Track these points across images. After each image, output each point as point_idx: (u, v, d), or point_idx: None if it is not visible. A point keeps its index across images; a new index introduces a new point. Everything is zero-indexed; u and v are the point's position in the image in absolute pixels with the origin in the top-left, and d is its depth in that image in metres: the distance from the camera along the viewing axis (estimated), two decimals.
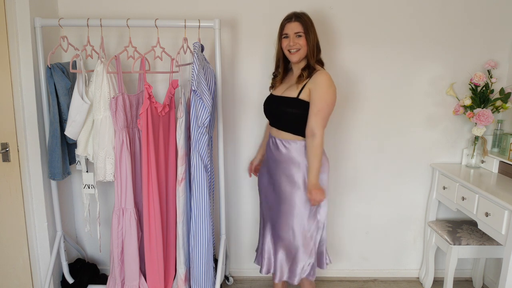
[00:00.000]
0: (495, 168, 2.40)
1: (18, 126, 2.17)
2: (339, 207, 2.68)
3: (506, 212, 1.88)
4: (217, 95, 2.19)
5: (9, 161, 2.18)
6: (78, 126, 2.06)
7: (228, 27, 2.41)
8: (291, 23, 1.98)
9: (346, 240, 2.73)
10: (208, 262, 2.14)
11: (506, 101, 2.34)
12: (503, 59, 2.46)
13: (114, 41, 2.41)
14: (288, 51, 2.00)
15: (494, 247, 2.30)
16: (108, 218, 2.60)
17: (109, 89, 2.00)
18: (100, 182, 2.39)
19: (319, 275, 2.75)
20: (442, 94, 2.51)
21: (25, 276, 2.32)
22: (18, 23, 2.08)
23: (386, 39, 2.43)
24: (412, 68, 2.48)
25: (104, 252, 2.62)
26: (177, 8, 2.38)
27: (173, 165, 2.16)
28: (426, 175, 2.63)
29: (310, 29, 1.99)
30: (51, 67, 2.06)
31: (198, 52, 1.99)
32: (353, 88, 2.50)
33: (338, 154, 2.59)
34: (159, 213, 2.08)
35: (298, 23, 1.97)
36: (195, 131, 1.98)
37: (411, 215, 2.69)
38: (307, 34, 1.98)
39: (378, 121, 2.55)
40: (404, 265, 2.78)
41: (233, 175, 2.62)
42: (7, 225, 2.24)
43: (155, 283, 2.14)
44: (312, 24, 2.00)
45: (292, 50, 1.98)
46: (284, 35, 2.01)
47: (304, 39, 1.98)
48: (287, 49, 2.00)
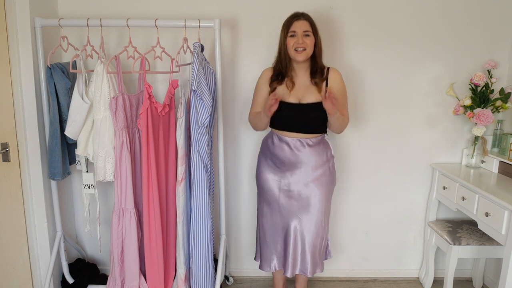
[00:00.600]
0: (495, 168, 2.40)
1: (18, 126, 2.17)
2: (339, 207, 2.68)
3: (506, 212, 1.88)
4: (217, 95, 2.19)
5: (9, 161, 2.18)
6: (78, 126, 2.06)
7: (228, 27, 2.41)
8: (299, 21, 1.95)
9: (346, 240, 2.73)
10: (208, 262, 2.14)
11: (506, 101, 2.34)
12: (503, 59, 2.46)
13: (114, 41, 2.41)
14: (295, 50, 1.96)
15: (494, 247, 2.30)
16: (108, 218, 2.60)
17: (109, 89, 2.00)
18: (100, 182, 2.39)
19: (319, 275, 2.75)
20: (442, 94, 2.51)
21: (25, 276, 2.32)
22: (18, 23, 2.08)
23: (386, 39, 2.43)
24: (412, 68, 2.48)
25: (104, 252, 2.62)
26: (177, 8, 2.38)
27: (173, 165, 2.16)
28: (426, 175, 2.63)
29: (317, 29, 1.99)
30: (51, 67, 2.06)
31: (198, 52, 1.99)
32: (353, 88, 2.50)
33: (338, 154, 2.59)
34: (159, 213, 2.08)
35: (306, 22, 1.96)
36: (195, 131, 1.98)
37: (411, 215, 2.69)
38: (315, 33, 1.97)
39: (378, 121, 2.55)
40: (404, 265, 2.78)
41: (233, 175, 2.62)
42: (7, 225, 2.24)
43: (155, 283, 2.14)
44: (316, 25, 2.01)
45: (299, 49, 1.95)
46: (291, 33, 1.97)
47: (312, 39, 1.96)
48: (294, 47, 1.96)
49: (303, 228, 2.11)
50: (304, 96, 2.03)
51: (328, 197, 2.17)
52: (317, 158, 2.08)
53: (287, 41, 1.98)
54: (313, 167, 2.08)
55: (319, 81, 2.02)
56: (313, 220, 2.10)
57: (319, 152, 2.09)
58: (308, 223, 2.10)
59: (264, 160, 2.18)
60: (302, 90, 2.04)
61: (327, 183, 2.13)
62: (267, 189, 2.16)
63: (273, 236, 2.19)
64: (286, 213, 2.13)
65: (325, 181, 2.12)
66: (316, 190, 2.09)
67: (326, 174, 2.12)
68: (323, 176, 2.11)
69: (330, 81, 2.05)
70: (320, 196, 2.10)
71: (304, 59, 1.98)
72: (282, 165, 2.11)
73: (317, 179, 2.09)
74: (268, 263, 2.23)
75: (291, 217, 2.12)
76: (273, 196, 2.15)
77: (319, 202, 2.10)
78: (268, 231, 2.20)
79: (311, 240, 2.11)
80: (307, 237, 2.11)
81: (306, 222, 2.10)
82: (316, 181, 2.09)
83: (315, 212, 2.10)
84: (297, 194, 2.10)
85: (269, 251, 2.22)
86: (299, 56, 1.96)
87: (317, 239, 2.14)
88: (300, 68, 2.06)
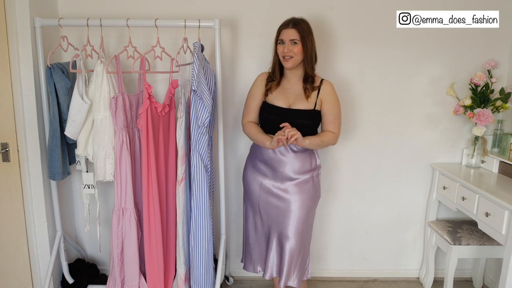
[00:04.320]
0: (495, 168, 2.40)
1: (18, 126, 2.17)
2: (339, 207, 2.68)
3: (506, 212, 1.88)
4: (217, 95, 2.19)
5: (9, 161, 2.18)
6: (78, 126, 2.06)
7: (228, 27, 2.41)
8: (287, 30, 1.98)
9: (346, 240, 2.73)
10: (208, 262, 2.14)
11: (506, 101, 2.34)
12: (503, 59, 2.46)
13: (114, 41, 2.41)
14: (283, 57, 2.01)
15: (494, 247, 2.30)
16: (108, 218, 2.59)
17: (109, 89, 2.00)
18: (100, 182, 2.39)
19: (319, 275, 2.75)
20: (442, 94, 2.51)
21: (25, 276, 2.32)
22: (18, 23, 2.08)
23: (386, 39, 2.43)
24: (412, 68, 2.48)
25: (104, 252, 2.62)
26: (177, 8, 2.38)
27: (173, 165, 2.16)
28: (426, 175, 2.63)
29: (307, 37, 1.98)
30: (51, 67, 2.06)
31: (198, 52, 1.99)
32: (353, 88, 2.50)
33: (338, 154, 2.59)
34: (159, 213, 2.08)
35: (294, 30, 1.97)
36: (195, 131, 1.98)
37: (411, 215, 2.69)
38: (303, 42, 1.98)
39: (378, 121, 2.55)
40: (404, 265, 2.78)
41: (233, 175, 2.62)
42: (7, 225, 2.24)
43: (155, 283, 2.13)
44: (310, 32, 2.01)
45: (286, 57, 2.00)
46: (279, 41, 2.02)
47: (299, 47, 1.98)
48: (281, 55, 2.01)
49: (282, 234, 2.11)
50: (294, 102, 2.06)
51: (310, 210, 2.15)
52: (301, 165, 2.09)
53: (277, 48, 2.04)
54: (295, 172, 2.08)
55: (309, 88, 2.05)
56: (293, 227, 2.09)
57: (303, 159, 2.09)
58: (288, 230, 2.09)
59: (250, 162, 2.22)
60: (293, 96, 2.08)
61: (309, 192, 2.12)
62: (249, 190, 2.20)
63: (255, 238, 2.23)
64: (266, 216, 2.16)
65: (306, 190, 2.11)
66: (297, 196, 2.09)
67: (308, 183, 2.12)
68: (305, 184, 2.11)
69: (321, 93, 2.07)
70: (301, 203, 2.09)
71: (291, 66, 2.01)
72: (265, 168, 2.13)
73: (298, 185, 2.09)
74: (252, 264, 2.28)
75: (271, 222, 2.14)
76: (254, 197, 2.18)
77: (299, 210, 2.09)
78: (251, 233, 2.24)
79: (289, 248, 2.10)
80: (287, 244, 2.10)
81: (285, 228, 2.10)
82: (297, 187, 2.09)
83: (295, 218, 2.09)
84: (276, 197, 2.11)
85: (253, 253, 2.26)
86: (286, 63, 2.01)
87: (295, 248, 2.11)
88: (293, 75, 2.09)
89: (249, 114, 2.16)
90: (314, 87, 2.06)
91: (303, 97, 2.06)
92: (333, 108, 2.08)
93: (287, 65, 2.02)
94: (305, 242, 2.18)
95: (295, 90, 2.09)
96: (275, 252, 2.15)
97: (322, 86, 2.08)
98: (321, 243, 2.72)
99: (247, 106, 2.18)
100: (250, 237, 2.25)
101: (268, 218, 2.15)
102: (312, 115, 2.06)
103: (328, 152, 2.58)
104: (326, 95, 2.07)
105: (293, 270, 2.14)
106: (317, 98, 2.06)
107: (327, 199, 2.64)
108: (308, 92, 2.05)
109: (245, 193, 2.26)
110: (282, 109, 2.06)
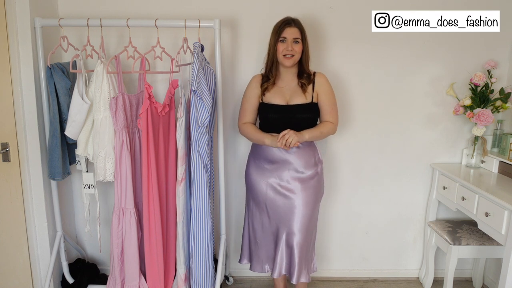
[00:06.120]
0: (495, 168, 2.40)
1: (18, 126, 2.17)
2: (339, 207, 2.68)
3: (506, 212, 1.89)
4: (217, 95, 2.19)
5: (9, 161, 2.18)
6: (78, 126, 2.06)
7: (228, 27, 2.41)
8: (290, 28, 2.00)
9: (346, 240, 2.73)
10: (208, 262, 2.14)
11: (506, 101, 2.34)
12: (503, 59, 2.46)
13: (114, 41, 2.41)
14: (283, 56, 2.02)
15: (494, 247, 2.30)
16: (108, 218, 2.59)
17: (109, 89, 2.00)
18: (100, 182, 2.39)
19: (319, 275, 2.75)
20: (442, 94, 2.51)
21: (25, 276, 2.32)
22: (18, 23, 2.08)
23: (386, 39, 2.43)
24: (412, 68, 2.48)
25: (104, 252, 2.62)
26: (177, 8, 2.38)
27: (173, 165, 2.16)
28: (426, 175, 2.63)
29: (305, 36, 2.05)
30: (51, 67, 2.06)
31: (198, 52, 1.99)
32: (353, 88, 2.50)
33: (338, 154, 2.59)
34: (159, 213, 2.08)
35: (297, 29, 2.02)
36: (195, 131, 1.98)
37: (411, 215, 2.69)
38: (304, 41, 2.04)
39: (378, 121, 2.55)
40: (404, 265, 2.78)
41: (233, 175, 2.62)
42: (7, 225, 2.24)
43: (155, 283, 2.14)
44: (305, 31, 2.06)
45: (288, 55, 2.01)
46: (281, 39, 2.02)
47: (300, 46, 2.03)
48: (283, 53, 2.02)
49: (290, 232, 2.11)
50: (291, 98, 2.09)
51: (315, 205, 2.17)
52: (305, 160, 2.11)
53: (278, 46, 2.04)
54: (301, 167, 2.10)
55: (305, 82, 2.08)
56: (299, 223, 2.10)
57: (306, 154, 2.11)
58: (294, 226, 2.10)
59: (253, 161, 2.21)
60: (290, 92, 2.10)
61: (314, 188, 2.14)
62: (255, 190, 2.19)
63: (263, 237, 2.22)
64: (273, 215, 2.16)
65: (311, 186, 2.13)
66: (302, 192, 2.10)
67: (314, 179, 2.13)
68: (310, 180, 2.12)
69: (316, 85, 2.11)
70: (307, 200, 2.11)
71: (291, 64, 2.05)
72: (270, 166, 2.13)
73: (304, 182, 2.10)
74: (260, 264, 2.26)
75: (279, 219, 2.14)
76: (261, 197, 2.17)
77: (304, 206, 2.10)
78: (258, 232, 2.23)
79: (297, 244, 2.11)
80: (294, 240, 2.11)
81: (292, 225, 2.11)
82: (302, 184, 2.10)
83: (300, 214, 2.10)
84: (283, 196, 2.11)
85: (260, 252, 2.25)
86: (287, 61, 2.03)
87: (303, 245, 2.13)
88: (288, 72, 2.12)
89: (245, 116, 2.17)
90: (309, 81, 2.10)
91: (300, 92, 2.09)
92: (329, 98, 2.12)
93: (287, 64, 2.03)
94: (311, 237, 2.20)
95: (291, 87, 2.11)
96: (284, 250, 2.14)
97: (316, 78, 2.12)
98: (321, 243, 2.72)
99: (242, 109, 2.19)
100: (258, 237, 2.24)
101: (275, 217, 2.15)
102: (310, 108, 2.09)
103: (328, 152, 2.58)
104: (321, 87, 2.11)
105: (304, 265, 2.15)
106: (313, 91, 2.10)
107: (327, 199, 2.64)
108: (305, 87, 2.08)
109: (250, 193, 2.25)
110: (281, 107, 2.08)
